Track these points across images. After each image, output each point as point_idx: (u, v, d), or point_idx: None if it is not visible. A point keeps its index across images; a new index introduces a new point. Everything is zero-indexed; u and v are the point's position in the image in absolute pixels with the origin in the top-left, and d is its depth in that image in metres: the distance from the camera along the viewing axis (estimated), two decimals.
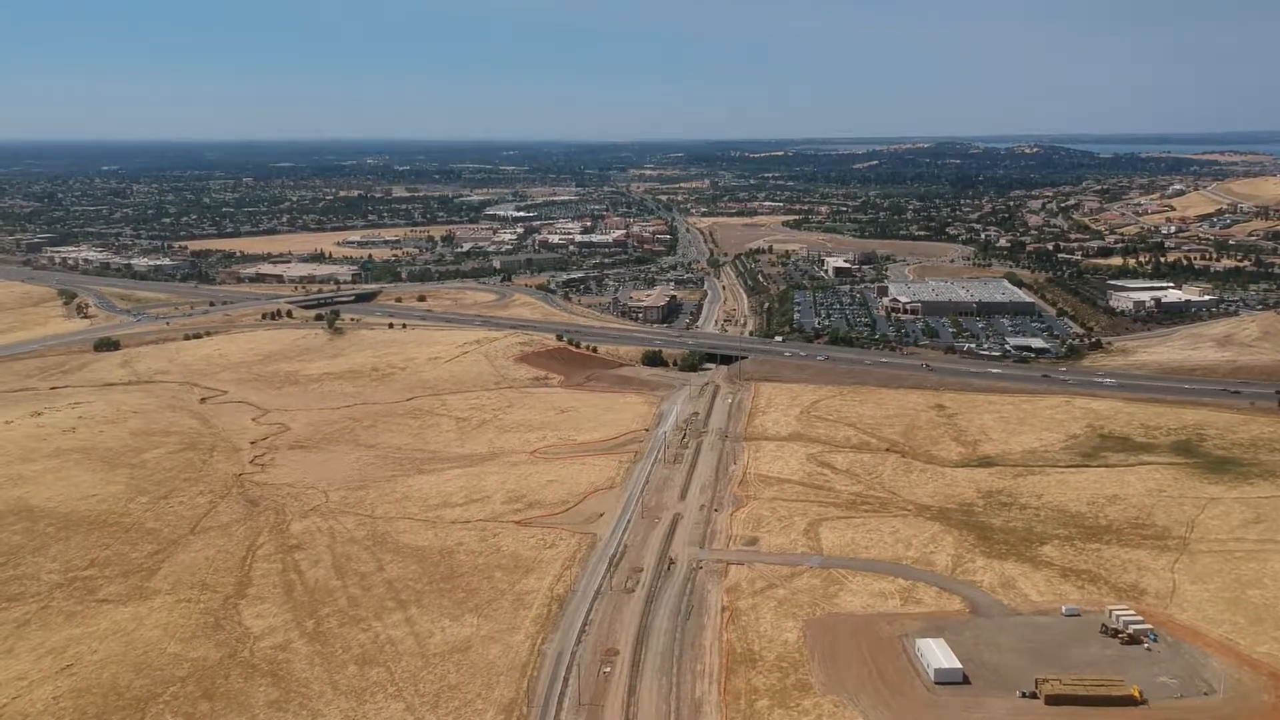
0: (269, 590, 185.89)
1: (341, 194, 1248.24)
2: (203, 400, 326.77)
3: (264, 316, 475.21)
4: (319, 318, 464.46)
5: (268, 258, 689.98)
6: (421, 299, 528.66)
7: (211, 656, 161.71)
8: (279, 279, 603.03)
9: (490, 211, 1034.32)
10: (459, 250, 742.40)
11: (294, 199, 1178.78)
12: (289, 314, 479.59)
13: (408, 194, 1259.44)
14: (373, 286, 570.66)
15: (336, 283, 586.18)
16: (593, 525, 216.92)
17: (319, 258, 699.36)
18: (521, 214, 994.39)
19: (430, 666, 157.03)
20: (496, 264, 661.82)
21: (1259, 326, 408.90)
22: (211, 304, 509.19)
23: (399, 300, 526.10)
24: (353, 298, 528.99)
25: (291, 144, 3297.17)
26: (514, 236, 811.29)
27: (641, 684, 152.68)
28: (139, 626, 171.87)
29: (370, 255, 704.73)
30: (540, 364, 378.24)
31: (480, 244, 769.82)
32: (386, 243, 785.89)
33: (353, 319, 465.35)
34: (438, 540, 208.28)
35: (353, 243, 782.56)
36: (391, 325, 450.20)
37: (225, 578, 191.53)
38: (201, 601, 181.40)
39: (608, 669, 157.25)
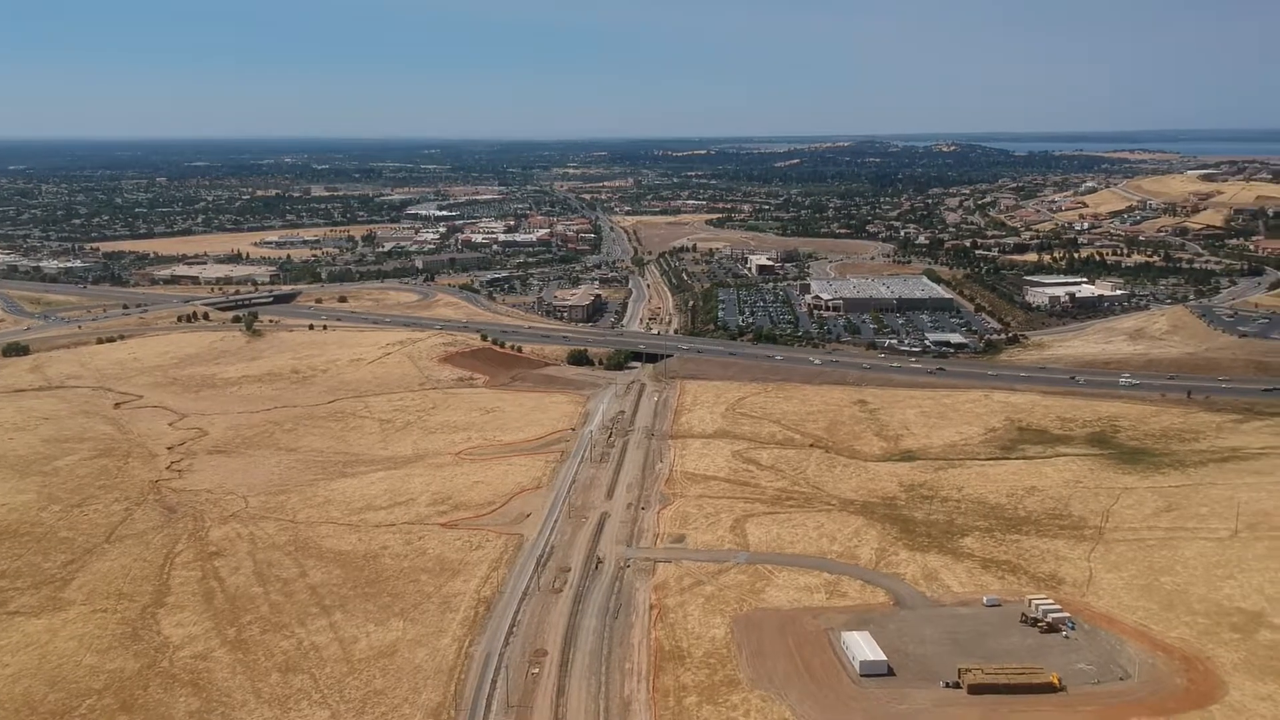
0: (188, 598, 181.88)
1: (259, 193, 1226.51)
2: (117, 405, 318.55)
3: (180, 319, 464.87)
4: (237, 319, 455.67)
5: (183, 259, 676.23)
6: (342, 300, 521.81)
7: (129, 667, 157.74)
8: (195, 280, 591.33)
9: (412, 211, 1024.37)
10: (380, 250, 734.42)
11: (210, 199, 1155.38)
12: (205, 316, 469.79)
13: (327, 193, 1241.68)
14: (292, 288, 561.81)
15: (254, 284, 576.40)
16: (520, 526, 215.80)
17: (236, 259, 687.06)
18: (444, 213, 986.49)
19: (355, 672, 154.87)
20: (419, 264, 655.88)
21: (1168, 321, 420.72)
22: (125, 307, 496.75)
23: (319, 301, 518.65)
24: (271, 299, 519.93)
25: (207, 143, 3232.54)
26: (436, 236, 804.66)
27: (570, 684, 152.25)
28: (53, 638, 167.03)
29: (289, 256, 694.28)
30: (465, 364, 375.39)
31: (402, 243, 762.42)
32: (306, 243, 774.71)
33: (272, 321, 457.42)
34: (362, 544, 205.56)
35: (271, 243, 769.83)
36: (312, 327, 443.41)
37: (143, 587, 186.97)
38: (118, 611, 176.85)
39: (536, 670, 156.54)
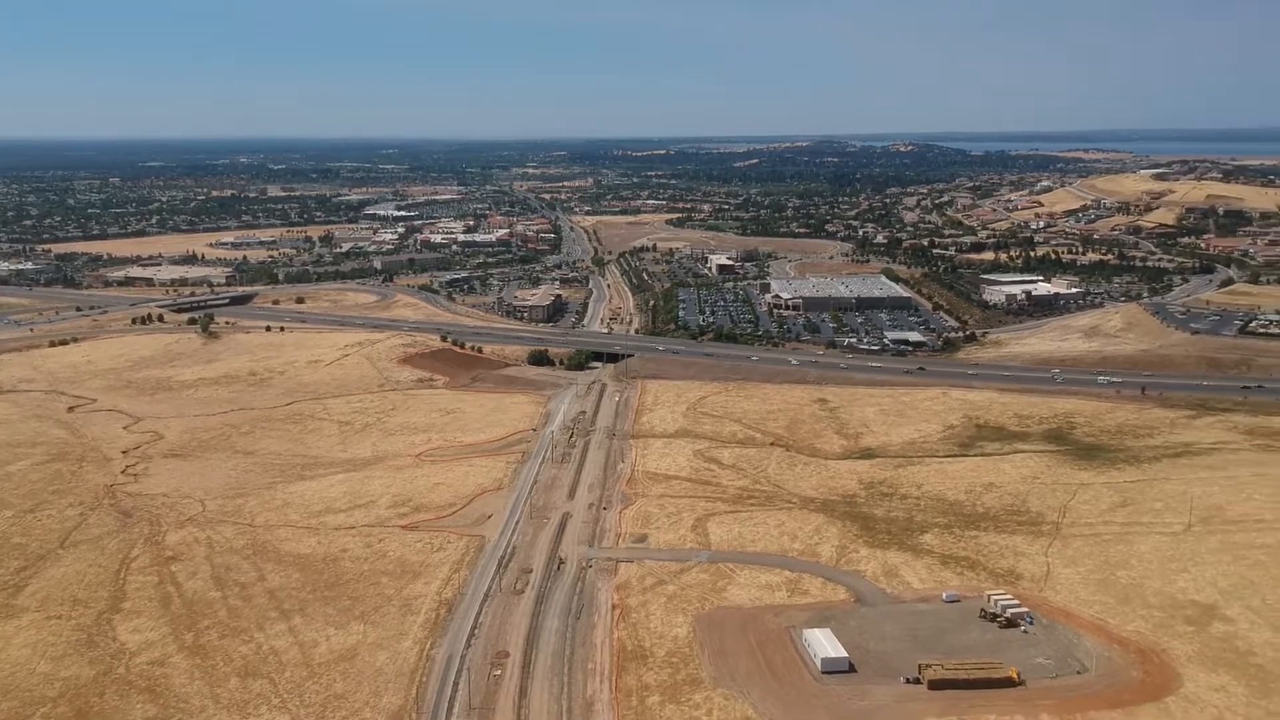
0: (145, 604, 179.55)
1: (214, 194, 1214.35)
2: (71, 409, 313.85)
3: (134, 321, 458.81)
4: (193, 321, 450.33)
5: (137, 260, 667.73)
6: (300, 301, 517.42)
7: (84, 675, 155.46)
8: (149, 282, 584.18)
9: (370, 211, 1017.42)
10: (338, 251, 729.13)
11: (164, 199, 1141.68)
12: (161, 318, 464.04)
13: (283, 193, 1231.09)
14: (249, 289, 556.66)
15: (210, 285, 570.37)
16: (481, 527, 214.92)
17: (192, 260, 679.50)
18: (402, 213, 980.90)
19: (316, 676, 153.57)
20: (377, 264, 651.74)
21: (1123, 318, 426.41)
22: (78, 309, 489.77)
23: (276, 302, 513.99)
24: (228, 300, 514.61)
25: (160, 143, 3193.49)
26: (395, 236, 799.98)
27: (533, 685, 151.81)
28: (5, 646, 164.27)
29: (245, 256, 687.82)
30: (425, 365, 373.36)
31: (360, 244, 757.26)
32: (262, 243, 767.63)
33: (228, 322, 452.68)
34: (321, 547, 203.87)
35: (227, 244, 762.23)
36: (269, 328, 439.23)
37: (98, 592, 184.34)
38: (73, 618, 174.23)
39: (498, 672, 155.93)
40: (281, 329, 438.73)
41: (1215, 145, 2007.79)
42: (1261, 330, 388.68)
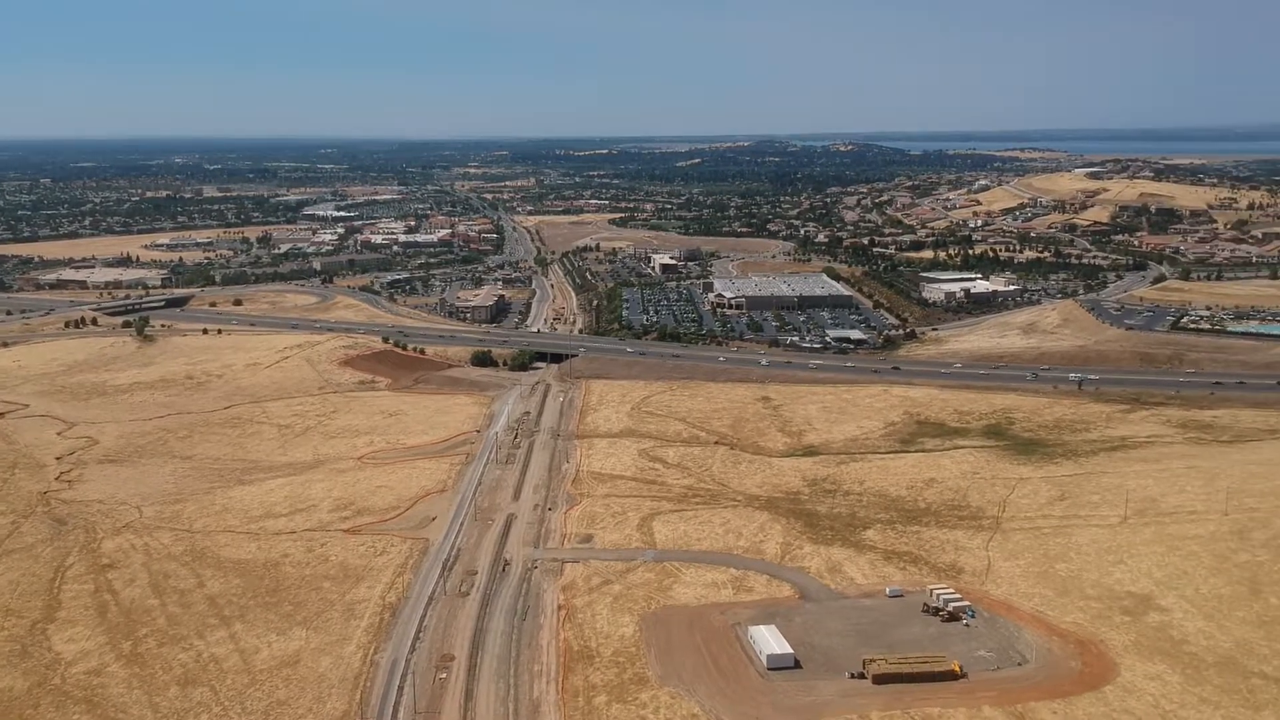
0: (80, 613, 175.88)
1: (149, 195, 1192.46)
2: (1, 415, 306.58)
3: (67, 325, 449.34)
4: (127, 325, 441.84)
5: (69, 263, 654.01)
6: (238, 303, 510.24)
7: (18, 686, 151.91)
8: (82, 285, 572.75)
9: (309, 211, 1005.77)
10: (276, 252, 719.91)
11: (97, 200, 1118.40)
12: (94, 321, 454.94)
13: (220, 194, 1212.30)
14: (185, 291, 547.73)
15: (145, 288, 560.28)
16: (425, 530, 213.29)
17: (126, 262, 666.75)
18: (342, 214, 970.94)
19: (257, 683, 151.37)
20: (317, 265, 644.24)
21: (1059, 314, 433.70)
22: (9, 313, 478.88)
23: (214, 305, 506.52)
24: (163, 303, 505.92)
25: (92, 143, 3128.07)
26: (335, 237, 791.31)
27: (479, 688, 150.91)
28: None
29: (181, 258, 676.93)
30: (366, 367, 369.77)
31: (299, 245, 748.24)
32: (199, 245, 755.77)
33: (164, 325, 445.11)
34: (261, 553, 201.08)
35: (162, 245, 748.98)
36: (206, 331, 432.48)
37: (32, 602, 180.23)
38: (6, 628, 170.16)
39: (444, 675, 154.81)
40: (219, 331, 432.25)
41: (1146, 145, 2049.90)
42: (1192, 326, 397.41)
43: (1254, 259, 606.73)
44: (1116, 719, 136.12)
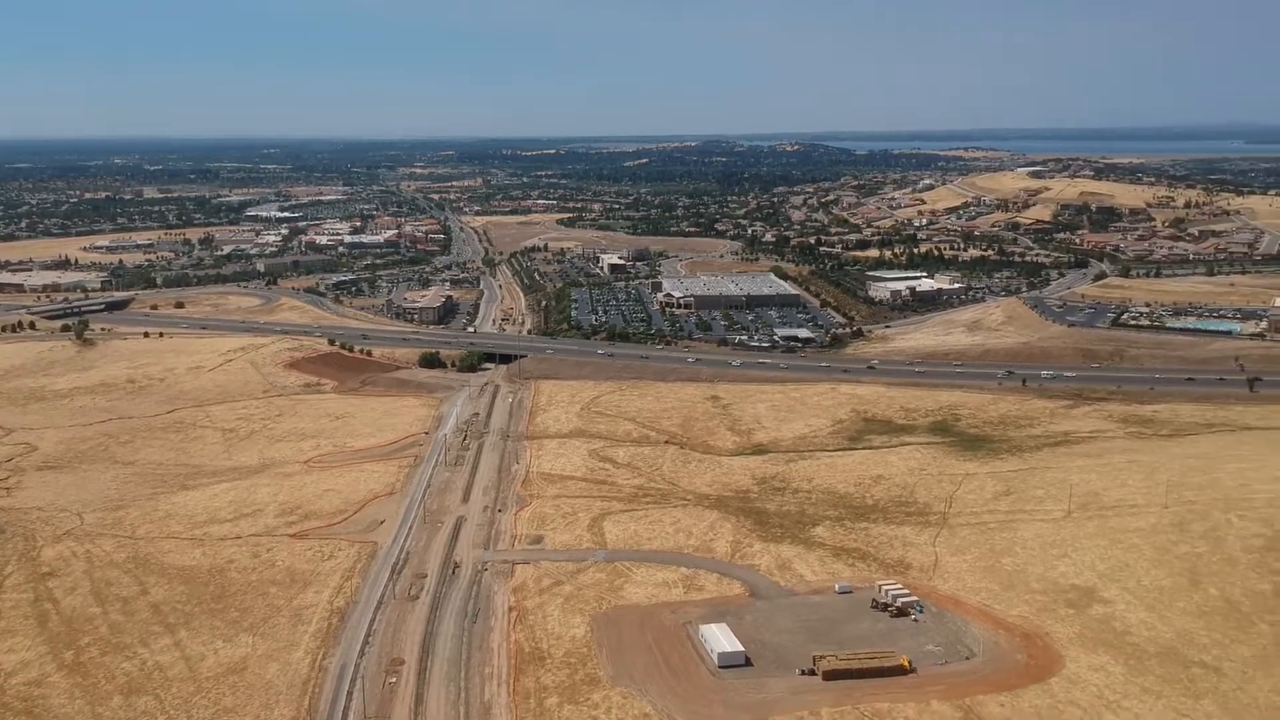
0: (20, 622, 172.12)
1: (87, 196, 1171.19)
2: None
3: (3, 329, 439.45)
4: (66, 328, 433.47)
5: (5, 266, 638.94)
6: (179, 305, 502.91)
7: None
8: (19, 288, 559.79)
9: (252, 212, 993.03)
10: (219, 253, 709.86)
11: (34, 202, 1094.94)
12: (32, 325, 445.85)
13: (161, 195, 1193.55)
14: (125, 294, 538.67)
15: (85, 290, 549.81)
16: (373, 533, 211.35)
17: (65, 264, 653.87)
18: (286, 214, 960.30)
19: (203, 691, 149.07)
20: (260, 267, 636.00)
21: (1003, 312, 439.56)
22: None
23: (155, 308, 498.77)
24: (103, 306, 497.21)
25: (29, 143, 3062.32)
26: (279, 238, 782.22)
27: (429, 692, 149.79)
28: None
29: (121, 261, 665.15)
30: (312, 370, 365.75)
31: (242, 246, 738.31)
32: (139, 247, 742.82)
33: (104, 329, 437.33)
34: (206, 559, 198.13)
35: (101, 248, 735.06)
36: (148, 334, 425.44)
37: None
38: None
39: (394, 679, 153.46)
40: (161, 335, 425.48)
41: (1087, 144, 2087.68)
42: (1132, 322, 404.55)
43: (1191, 256, 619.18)
44: (1062, 710, 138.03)
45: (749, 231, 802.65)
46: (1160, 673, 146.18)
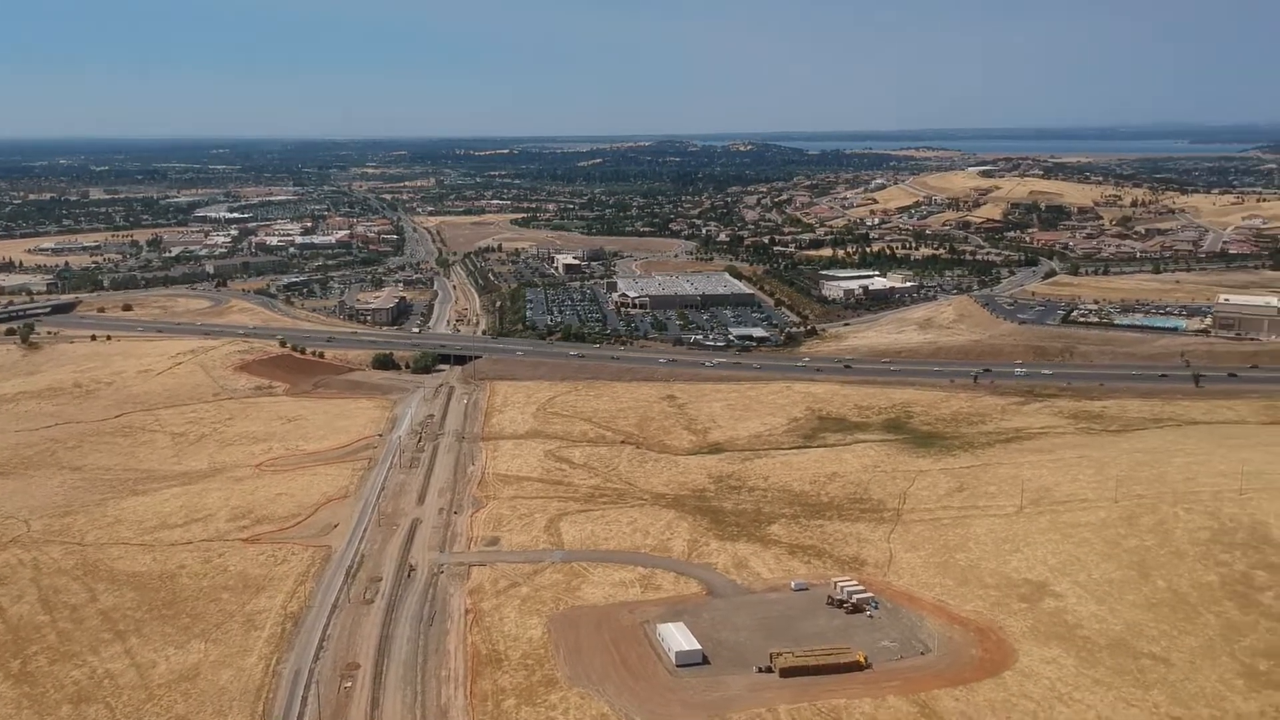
0: None
1: (31, 197, 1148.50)
2: None
3: None
4: (11, 332, 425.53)
5: None
6: (127, 308, 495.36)
7: None
8: None
9: (201, 213, 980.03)
10: (167, 255, 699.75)
11: None
12: None
13: (107, 196, 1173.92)
14: (72, 297, 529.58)
15: (29, 293, 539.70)
16: (327, 537, 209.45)
17: (8, 267, 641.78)
18: (235, 215, 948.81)
19: (155, 699, 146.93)
20: (210, 268, 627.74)
21: (954, 310, 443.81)
22: None
23: (102, 310, 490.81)
24: (49, 309, 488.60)
25: None
26: (228, 239, 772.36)
27: (385, 696, 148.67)
28: None
29: (67, 263, 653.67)
30: (263, 372, 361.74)
31: (191, 248, 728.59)
32: (85, 249, 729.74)
33: (50, 332, 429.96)
34: (157, 565, 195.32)
35: (46, 250, 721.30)
36: (95, 337, 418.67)
37: None
38: None
39: (349, 684, 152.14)
40: (108, 338, 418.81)
41: (1036, 144, 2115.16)
42: (1082, 319, 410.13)
43: (1138, 254, 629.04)
44: (1015, 704, 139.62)
45: (703, 231, 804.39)
46: (1110, 664, 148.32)
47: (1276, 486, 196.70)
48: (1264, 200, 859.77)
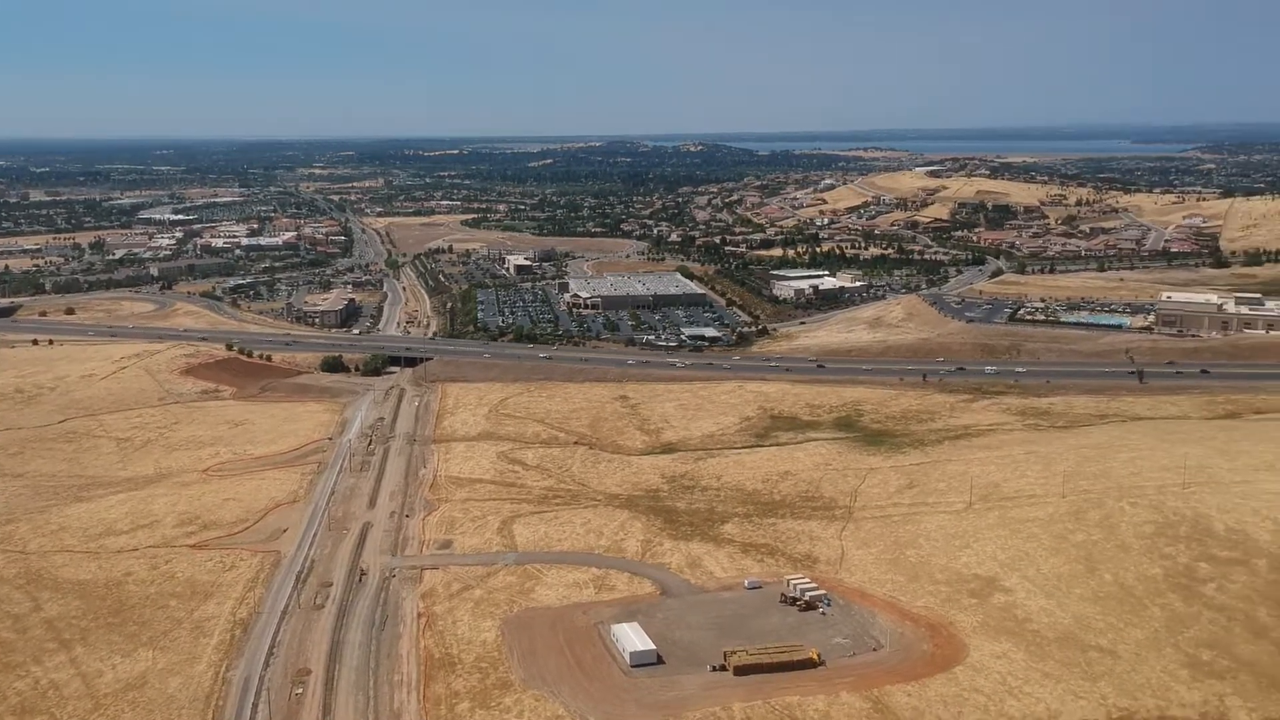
0: None
1: None
2: None
3: None
4: None
5: None
6: (70, 312, 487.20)
7: None
8: None
9: (145, 215, 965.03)
10: (111, 258, 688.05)
11: None
12: None
13: (49, 198, 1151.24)
14: (11, 300, 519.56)
15: None
16: (276, 542, 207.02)
17: None
18: (180, 217, 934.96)
19: (101, 708, 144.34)
20: (154, 271, 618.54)
21: (903, 309, 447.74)
22: None
23: (44, 314, 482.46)
24: None
25: None
26: (173, 241, 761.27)
27: (337, 701, 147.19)
28: None
29: (7, 266, 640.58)
30: (209, 376, 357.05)
31: (135, 250, 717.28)
32: (26, 252, 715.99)
33: None
34: (103, 572, 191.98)
35: None
36: (37, 342, 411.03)
37: None
38: None
39: (300, 690, 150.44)
40: (51, 342, 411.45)
41: (982, 144, 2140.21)
42: (1028, 317, 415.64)
43: (1083, 253, 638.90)
44: (966, 698, 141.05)
45: (655, 231, 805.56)
46: (1059, 657, 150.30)
47: (1218, 480, 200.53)
48: (1204, 200, 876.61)
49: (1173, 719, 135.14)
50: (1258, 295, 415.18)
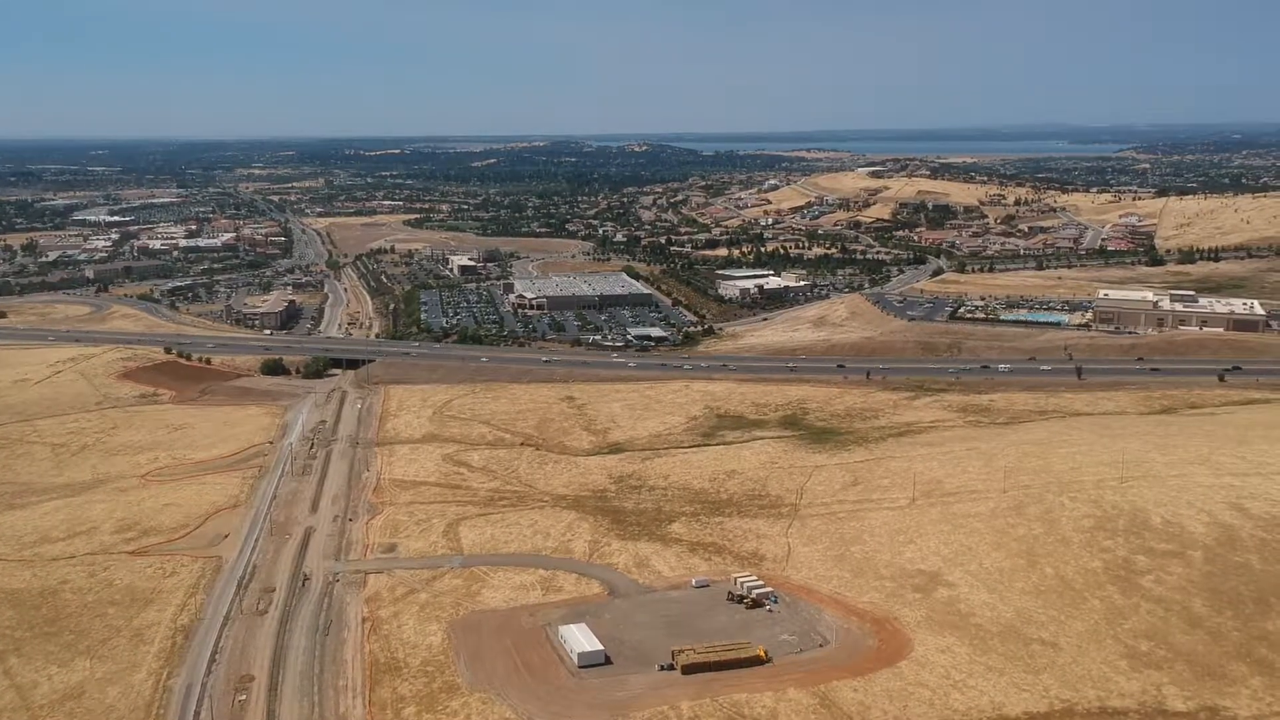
0: None
1: None
2: None
3: None
4: None
5: None
6: (2, 315, 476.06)
7: None
8: None
9: (79, 216, 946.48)
10: (44, 260, 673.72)
11: None
12: None
13: None
14: None
15: None
16: (217, 548, 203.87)
17: None
18: (116, 218, 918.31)
19: None
20: (90, 273, 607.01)
21: (847, 308, 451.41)
22: None
23: None
24: None
25: None
26: (109, 243, 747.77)
27: (281, 708, 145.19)
28: None
29: None
30: (147, 380, 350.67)
31: (69, 252, 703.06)
32: None
33: None
34: (37, 581, 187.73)
35: None
36: None
37: None
38: None
39: (243, 697, 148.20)
40: None
41: (923, 145, 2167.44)
42: (968, 315, 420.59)
43: (1022, 251, 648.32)
44: (912, 692, 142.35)
45: (600, 232, 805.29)
46: (1002, 651, 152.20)
47: (1155, 475, 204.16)
48: (1139, 199, 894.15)
49: (1113, 709, 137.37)
50: (1192, 292, 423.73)
